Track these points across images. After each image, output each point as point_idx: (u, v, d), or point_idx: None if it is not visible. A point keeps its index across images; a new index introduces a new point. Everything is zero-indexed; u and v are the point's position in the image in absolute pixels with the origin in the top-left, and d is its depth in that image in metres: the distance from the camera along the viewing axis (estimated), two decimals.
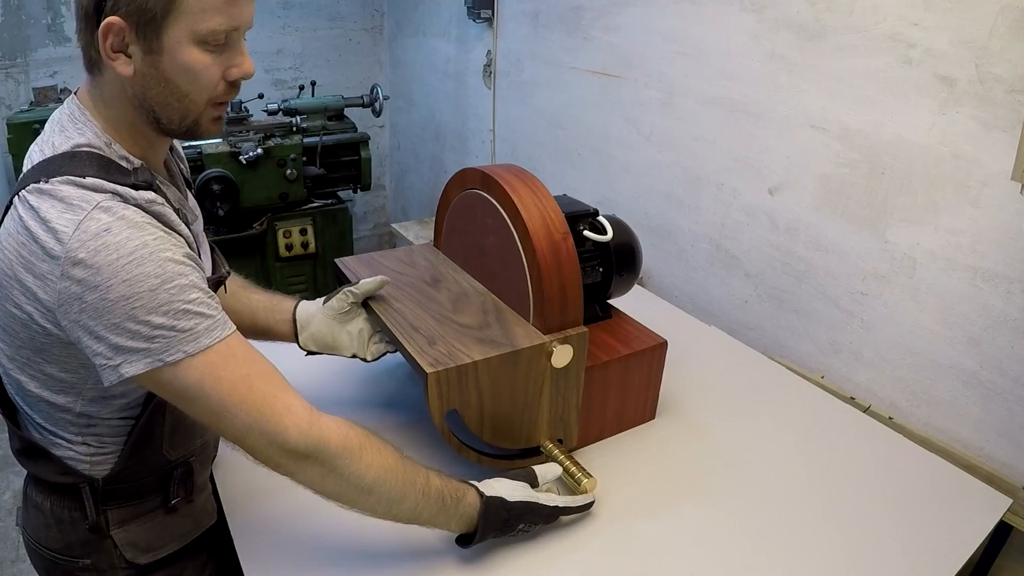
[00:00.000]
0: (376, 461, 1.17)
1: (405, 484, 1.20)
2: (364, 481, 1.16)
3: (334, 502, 1.19)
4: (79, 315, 1.01)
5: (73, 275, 0.99)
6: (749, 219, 2.40)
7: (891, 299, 2.02)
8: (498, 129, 3.78)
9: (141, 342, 1.02)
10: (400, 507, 1.21)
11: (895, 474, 1.61)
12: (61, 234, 0.99)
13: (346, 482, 1.16)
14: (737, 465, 1.61)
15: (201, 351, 1.05)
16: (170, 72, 1.08)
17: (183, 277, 1.04)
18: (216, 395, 1.07)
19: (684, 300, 2.71)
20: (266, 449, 1.11)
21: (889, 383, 2.06)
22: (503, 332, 1.41)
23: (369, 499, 1.19)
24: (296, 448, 1.11)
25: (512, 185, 1.45)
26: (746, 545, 1.40)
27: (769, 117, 2.27)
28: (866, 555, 1.38)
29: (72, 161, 1.06)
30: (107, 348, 1.02)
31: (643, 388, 1.67)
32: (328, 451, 1.13)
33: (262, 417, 1.09)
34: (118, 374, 1.03)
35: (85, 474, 1.21)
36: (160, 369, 1.04)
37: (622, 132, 2.89)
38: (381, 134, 5.15)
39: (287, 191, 3.48)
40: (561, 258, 1.40)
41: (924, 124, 1.86)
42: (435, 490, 1.23)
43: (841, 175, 2.08)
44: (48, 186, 1.02)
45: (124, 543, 1.26)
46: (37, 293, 1.02)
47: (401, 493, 1.20)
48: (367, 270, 1.68)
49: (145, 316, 1.01)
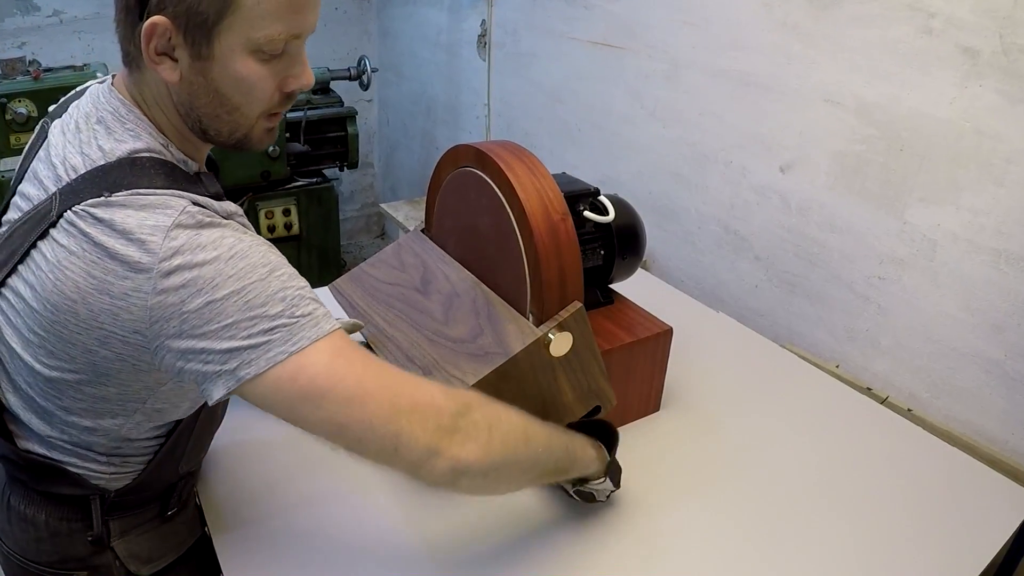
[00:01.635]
0: (510, 414, 1.17)
1: (536, 438, 1.20)
2: (519, 422, 1.17)
3: (505, 480, 1.16)
4: (180, 329, 0.97)
5: (169, 286, 0.95)
6: (759, 199, 2.39)
7: (910, 283, 2.01)
8: (493, 103, 3.76)
9: (260, 337, 0.97)
10: (550, 444, 1.22)
11: (914, 469, 1.61)
12: (149, 244, 0.95)
13: (511, 424, 1.15)
14: (746, 460, 1.61)
15: (324, 336, 1.01)
16: (220, 82, 1.03)
17: (287, 266, 1.02)
18: (353, 379, 1.01)
19: (690, 285, 2.71)
20: (422, 432, 1.04)
21: (908, 373, 2.06)
22: (495, 337, 1.41)
23: (529, 447, 1.17)
24: (453, 413, 1.06)
25: (508, 163, 1.44)
26: (755, 545, 1.40)
27: (780, 90, 2.25)
28: (883, 556, 1.38)
29: (135, 170, 1.01)
30: (218, 356, 0.98)
31: (647, 378, 1.67)
32: (478, 400, 1.11)
33: (406, 392, 1.05)
34: (236, 379, 0.98)
35: (99, 487, 1.20)
36: (285, 364, 0.98)
37: (625, 107, 2.88)
38: (369, 109, 5.12)
39: (269, 169, 3.47)
40: (560, 240, 1.39)
41: (945, 98, 1.85)
42: (561, 442, 1.27)
43: (857, 152, 2.07)
44: (117, 198, 0.98)
45: (126, 555, 1.26)
46: (119, 315, 0.97)
47: (535, 441, 1.19)
48: (359, 289, 1.70)
49: (261, 307, 0.97)
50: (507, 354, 1.36)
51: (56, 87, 2.94)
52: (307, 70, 1.09)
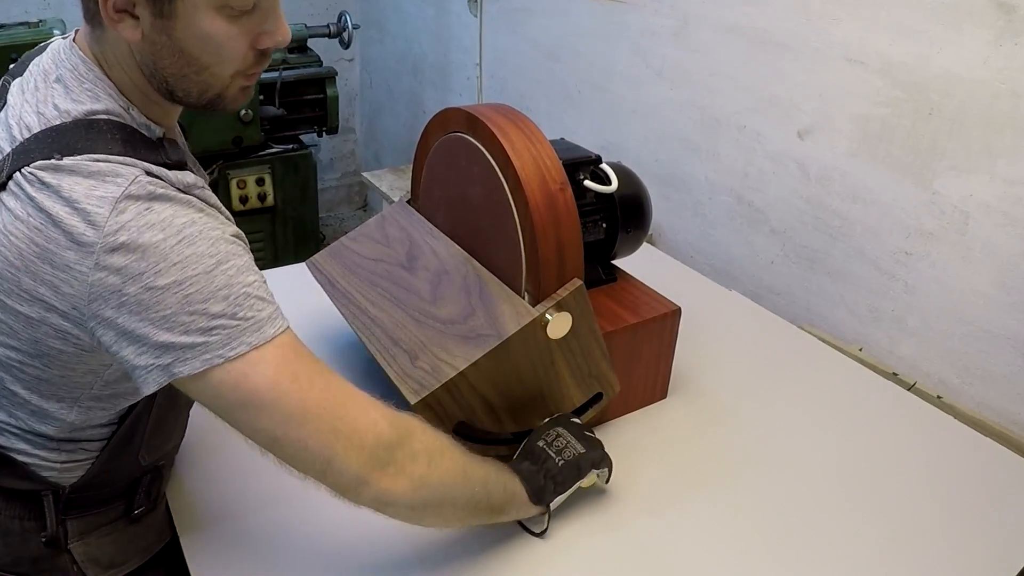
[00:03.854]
0: (444, 443, 1.19)
1: (469, 472, 1.22)
2: (459, 459, 1.19)
3: (433, 514, 1.20)
4: (117, 312, 0.97)
5: (111, 264, 0.95)
6: (775, 167, 2.39)
7: (939, 259, 2.01)
8: (485, 63, 3.76)
9: (197, 336, 0.97)
10: (487, 483, 1.24)
11: (944, 462, 1.61)
12: (94, 215, 0.95)
13: (452, 459, 1.18)
14: (760, 452, 1.61)
15: (267, 342, 1.01)
16: (186, 42, 1.02)
17: (238, 257, 1.02)
18: (296, 394, 1.02)
19: (700, 261, 2.71)
20: (355, 460, 1.06)
21: (937, 357, 2.06)
22: (488, 318, 1.41)
23: (467, 485, 1.20)
24: (391, 443, 1.09)
25: (502, 127, 1.43)
26: (770, 545, 1.40)
27: (798, 49, 2.24)
28: (909, 556, 1.38)
29: (90, 133, 1.01)
30: (152, 348, 0.98)
31: (653, 363, 1.67)
32: (421, 429, 1.14)
33: (348, 416, 1.07)
34: (168, 375, 0.98)
35: (51, 481, 1.20)
36: (222, 367, 0.98)
37: (629, 66, 2.87)
38: (350, 69, 5.12)
39: (241, 135, 3.46)
40: (558, 212, 1.39)
41: (978, 57, 1.84)
42: (494, 475, 1.27)
43: (882, 116, 2.06)
44: (67, 163, 0.97)
45: (84, 558, 1.25)
46: (59, 287, 0.97)
47: (469, 476, 1.21)
48: (339, 266, 1.70)
49: (201, 304, 0.97)
50: (500, 336, 1.36)
51: (8, 45, 2.92)
52: (283, 25, 1.08)
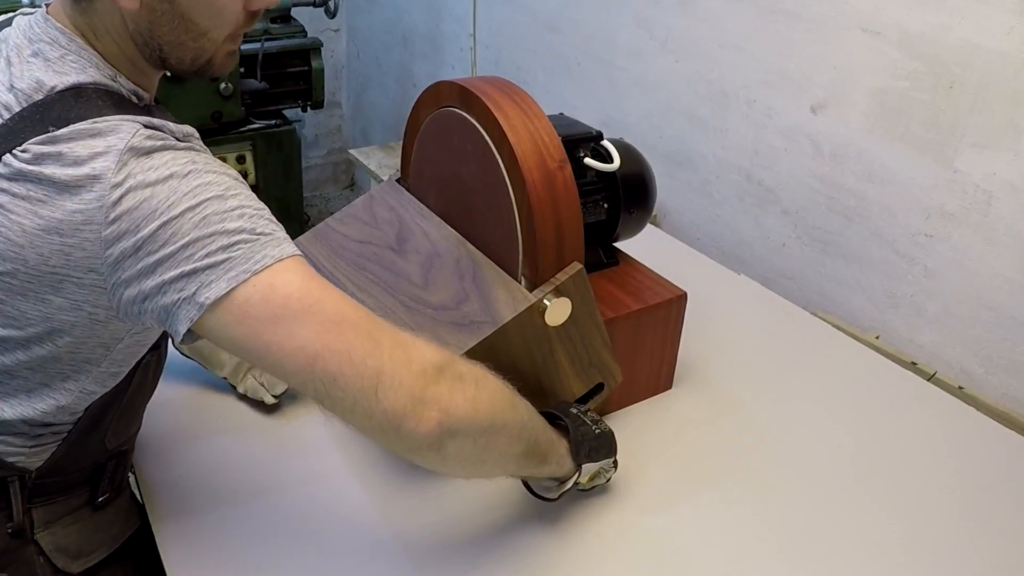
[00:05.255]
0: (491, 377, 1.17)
1: (516, 410, 1.20)
2: (502, 384, 1.17)
3: (494, 449, 1.16)
4: (135, 260, 0.98)
5: (122, 211, 0.97)
6: (787, 143, 2.39)
7: (961, 242, 2.01)
8: (480, 34, 3.75)
9: (219, 255, 0.98)
10: (533, 417, 1.24)
11: (966, 456, 1.61)
12: (99, 172, 0.97)
13: (496, 384, 1.16)
14: (771, 445, 1.61)
15: (288, 256, 1.02)
16: (188, 6, 1.06)
17: (246, 189, 1.04)
18: (330, 300, 1.03)
19: (708, 243, 2.72)
20: (406, 373, 1.03)
21: (959, 345, 2.06)
22: (482, 303, 1.41)
23: (516, 413, 1.19)
24: (438, 361, 1.06)
25: (497, 102, 1.43)
26: (782, 543, 1.40)
27: (811, 18, 2.24)
28: (931, 554, 1.38)
29: (79, 102, 1.03)
30: (176, 282, 0.99)
31: (657, 351, 1.68)
32: (457, 356, 1.12)
33: (386, 328, 1.06)
34: (197, 306, 0.99)
35: (18, 467, 1.20)
36: (247, 283, 0.99)
37: (631, 37, 2.87)
38: (336, 39, 5.11)
39: (220, 109, 3.45)
40: (557, 191, 1.38)
41: (1001, 27, 1.84)
42: (539, 427, 1.26)
43: (900, 89, 2.06)
44: (63, 132, 0.99)
45: (52, 548, 1.25)
46: (71, 255, 0.99)
47: (514, 411, 1.20)
48: (325, 248, 1.69)
49: (219, 223, 0.99)
50: (496, 323, 1.36)
51: None
52: None
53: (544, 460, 1.27)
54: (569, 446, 1.31)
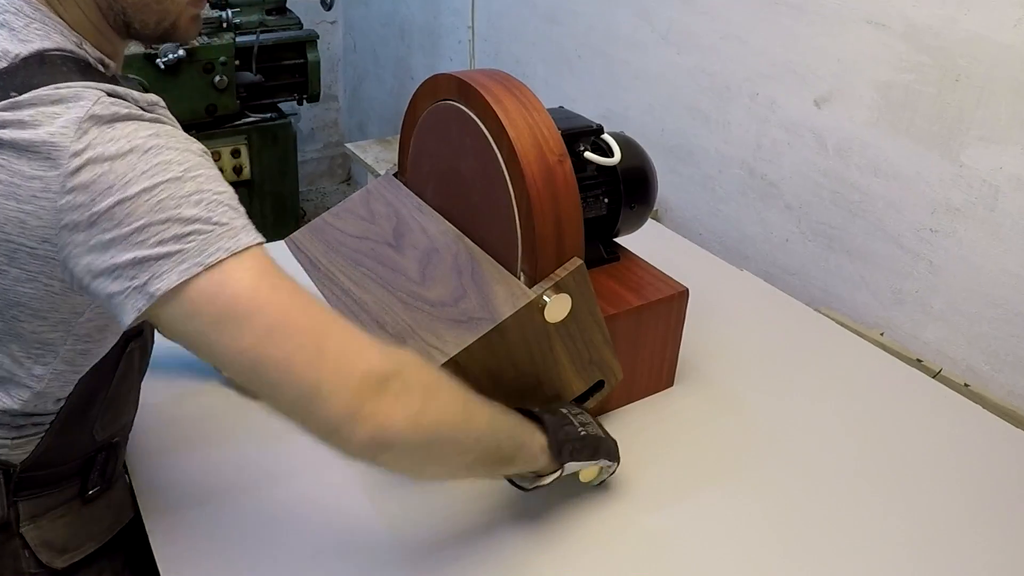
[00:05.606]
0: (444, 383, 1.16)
1: (472, 417, 1.19)
2: (459, 394, 1.16)
3: (436, 459, 1.15)
4: (88, 234, 0.97)
5: (79, 183, 0.96)
6: (790, 137, 2.39)
7: (967, 237, 2.01)
8: (478, 26, 3.75)
9: (172, 244, 0.97)
10: (494, 425, 1.22)
11: (972, 453, 1.61)
12: (58, 139, 0.96)
13: (451, 395, 1.14)
14: (774, 443, 1.61)
15: (244, 249, 1.00)
16: None
17: (207, 168, 1.03)
18: (278, 305, 1.01)
19: (710, 238, 2.71)
20: (345, 386, 1.01)
21: (965, 342, 2.06)
22: (481, 300, 1.41)
23: (470, 424, 1.17)
24: (385, 372, 1.04)
25: (495, 95, 1.42)
26: (785, 542, 1.40)
27: (815, 11, 2.24)
28: (936, 553, 1.38)
29: (44, 68, 1.03)
30: (127, 268, 0.97)
31: (659, 348, 1.67)
32: (415, 362, 1.11)
33: (336, 335, 1.04)
34: (147, 296, 0.97)
35: (1, 460, 1.21)
36: (199, 278, 0.97)
37: (632, 29, 2.87)
38: (333, 32, 5.11)
39: (215, 103, 3.46)
40: (557, 186, 1.38)
41: (1008, 19, 1.84)
42: (506, 427, 1.25)
43: (905, 83, 2.06)
44: (26, 97, 0.99)
45: (37, 542, 1.26)
46: (26, 222, 0.98)
47: (470, 422, 1.18)
48: (321, 244, 1.69)
49: (174, 209, 0.97)
50: (494, 320, 1.36)
51: None
52: None
53: (509, 462, 1.26)
54: (548, 444, 1.29)
